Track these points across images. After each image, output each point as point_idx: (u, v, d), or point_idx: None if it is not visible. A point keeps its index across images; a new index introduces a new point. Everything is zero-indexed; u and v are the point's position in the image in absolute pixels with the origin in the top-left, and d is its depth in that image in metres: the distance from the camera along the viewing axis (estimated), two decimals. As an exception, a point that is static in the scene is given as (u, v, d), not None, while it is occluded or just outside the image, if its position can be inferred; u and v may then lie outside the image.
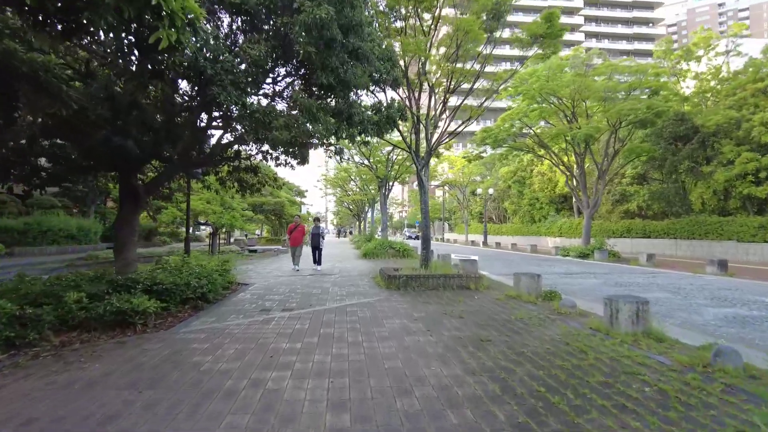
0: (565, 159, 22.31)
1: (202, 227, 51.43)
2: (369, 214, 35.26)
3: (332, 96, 6.16)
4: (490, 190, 36.27)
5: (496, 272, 13.30)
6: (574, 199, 33.85)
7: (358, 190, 35.25)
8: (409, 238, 57.86)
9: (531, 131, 22.17)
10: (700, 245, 19.75)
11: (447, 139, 10.51)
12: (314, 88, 6.17)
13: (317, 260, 12.61)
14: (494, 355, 4.42)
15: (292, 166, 10.62)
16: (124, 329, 5.39)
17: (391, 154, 21.02)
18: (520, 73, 19.80)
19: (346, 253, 21.75)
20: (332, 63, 5.22)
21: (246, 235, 38.03)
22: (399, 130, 10.30)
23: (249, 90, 4.83)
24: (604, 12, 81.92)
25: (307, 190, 43.73)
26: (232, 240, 29.74)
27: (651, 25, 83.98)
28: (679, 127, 21.08)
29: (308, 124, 5.32)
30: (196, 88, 4.85)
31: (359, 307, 6.95)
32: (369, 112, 6.97)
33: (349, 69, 5.43)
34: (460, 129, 10.37)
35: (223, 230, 18.67)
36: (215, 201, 18.13)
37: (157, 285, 6.30)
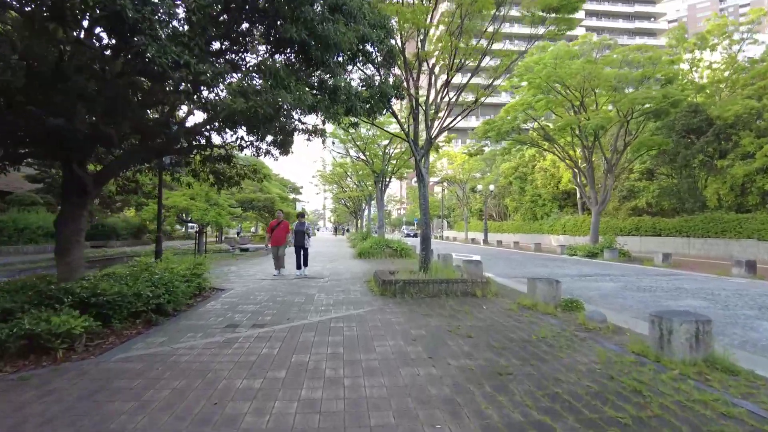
0: (572, 153, 21.15)
1: (191, 225, 50.25)
2: (366, 212, 34.09)
3: (310, 65, 4.95)
4: (491, 187, 35.12)
5: (502, 274, 12.16)
6: (578, 196, 32.76)
7: (354, 186, 34.08)
8: (408, 235, 56.73)
9: (536, 124, 21.00)
10: (715, 244, 18.63)
11: (449, 125, 9.32)
12: (287, 52, 4.96)
13: (302, 263, 10.70)
14: (520, 399, 3.26)
15: (274, 156, 9.44)
16: (41, 356, 4.21)
17: (389, 148, 19.83)
18: (525, 62, 18.66)
19: (341, 252, 20.59)
20: (306, 13, 4.06)
21: (238, 233, 36.87)
22: (396, 117, 9.12)
23: (193, 46, 3.67)
24: (606, 6, 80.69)
25: (302, 187, 42.45)
26: (224, 238, 28.55)
27: (653, 19, 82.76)
28: (693, 119, 19.94)
29: (276, 94, 4.14)
30: (116, 39, 3.72)
31: (346, 322, 5.78)
32: (358, 86, 5.80)
33: (328, 25, 4.25)
34: (464, 114, 9.19)
35: (210, 228, 17.47)
36: (200, 197, 16.93)
37: (96, 297, 5.12)
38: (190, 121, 7.21)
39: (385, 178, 19.68)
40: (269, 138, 8.42)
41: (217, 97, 3.98)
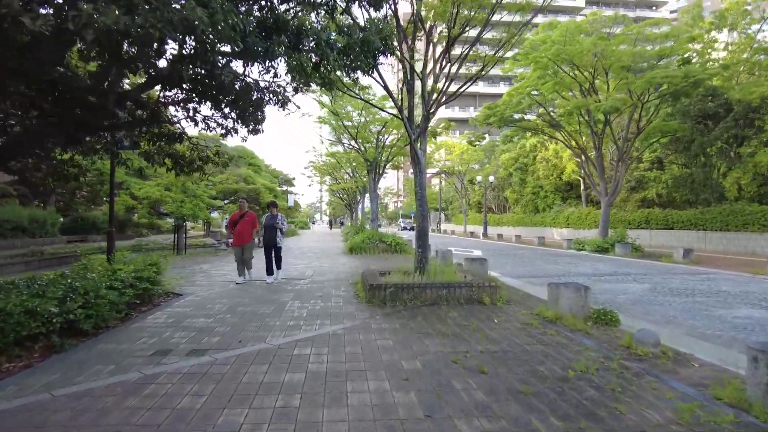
0: (579, 141, 19.70)
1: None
2: (361, 205, 32.61)
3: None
4: (491, 178, 33.68)
5: (510, 273, 10.77)
6: (582, 187, 31.40)
7: (348, 177, 32.56)
8: (404, 229, 55.26)
9: (542, 108, 19.51)
10: (735, 238, 17.29)
11: (451, 97, 7.85)
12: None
13: (273, 266, 8.51)
14: None
15: (240, 134, 7.95)
16: None
17: (383, 135, 18.29)
18: (531, 40, 17.15)
19: (331, 247, 19.16)
20: None
21: (227, 227, 35.28)
22: (384, 84, 7.62)
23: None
24: (607, -6, 78.83)
25: (294, 178, 40.72)
26: (210, 232, 27.04)
27: (654, 8, 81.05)
28: (709, 104, 18.51)
29: (189, 9, 2.71)
30: None
31: (316, 347, 4.35)
32: (333, 33, 4.32)
33: None
34: (467, 86, 7.71)
35: (194, 222, 16.00)
36: (176, 187, 15.43)
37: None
38: (124, 84, 5.74)
39: (378, 168, 18.21)
40: (232, 113, 6.99)
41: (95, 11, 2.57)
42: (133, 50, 3.84)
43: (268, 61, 4.08)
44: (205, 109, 7.57)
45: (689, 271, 11.15)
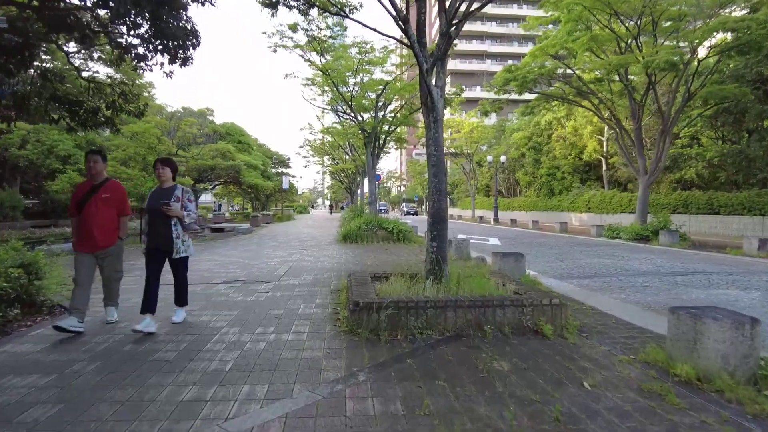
0: (614, 110, 16.82)
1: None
2: (361, 188, 29.86)
3: None
4: (502, 158, 30.83)
5: (548, 270, 8.17)
6: (603, 167, 28.55)
7: (348, 158, 29.81)
8: (408, 213, 52.67)
9: (569, 71, 16.60)
10: (801, 224, 14.56)
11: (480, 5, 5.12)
12: None
13: (152, 299, 4.03)
14: None
15: (166, 71, 5.29)
16: None
17: (384, 100, 15.42)
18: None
19: (323, 234, 16.57)
20: None
21: (215, 210, 32.91)
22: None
23: None
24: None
25: (289, 158, 37.60)
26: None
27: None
28: (769, 66, 15.58)
29: None
30: None
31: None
32: None
33: None
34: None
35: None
36: (136, 163, 12.81)
37: None
38: None
39: (378, 140, 15.45)
40: (143, 23, 4.37)
41: None
42: None
43: None
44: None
45: (785, 269, 8.51)
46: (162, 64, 5.20)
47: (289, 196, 41.23)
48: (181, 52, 4.88)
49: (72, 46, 5.71)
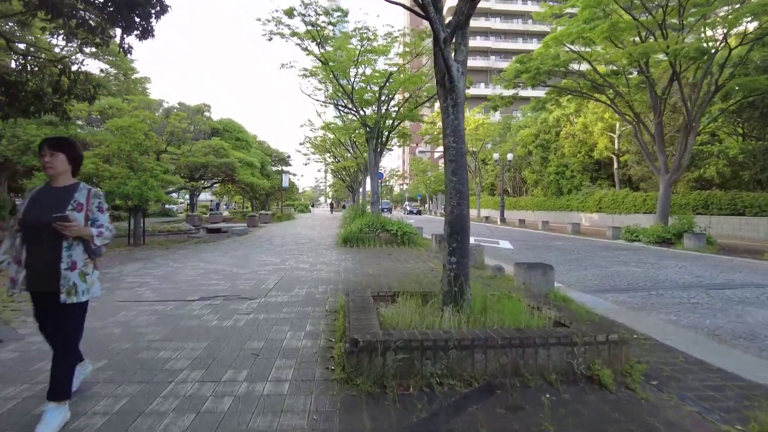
0: (632, 104, 15.78)
1: (179, 201, 44.93)
2: (363, 186, 28.85)
3: None
4: (509, 156, 29.79)
5: (574, 281, 7.18)
6: (615, 166, 27.49)
7: (350, 155, 28.83)
8: (410, 212, 51.65)
9: (579, 65, 15.58)
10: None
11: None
12: None
13: (59, 377, 2.36)
14: None
15: (124, 45, 4.33)
16: None
17: (387, 92, 14.41)
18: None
19: (323, 236, 15.60)
20: None
21: (212, 209, 32.03)
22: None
23: None
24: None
25: (289, 156, 36.49)
26: (187, 216, 23.56)
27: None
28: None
29: None
30: None
31: None
32: None
33: None
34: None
35: (148, 203, 12.44)
36: (120, 159, 11.86)
37: None
38: None
39: (381, 136, 14.43)
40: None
41: None
42: None
43: None
44: None
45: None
46: (122, 38, 4.25)
47: (289, 194, 40.28)
48: (140, 21, 3.92)
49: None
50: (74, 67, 4.87)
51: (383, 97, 13.92)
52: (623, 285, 7.14)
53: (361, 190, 30.18)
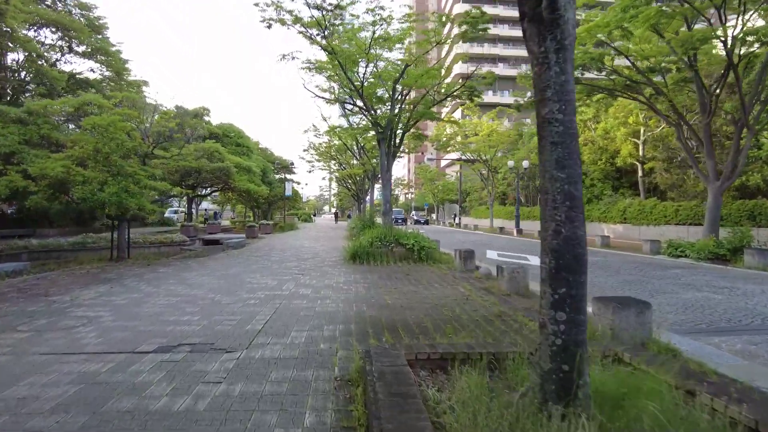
0: (676, 104, 14.14)
1: (178, 209, 43.40)
2: (370, 195, 27.23)
3: None
4: (525, 163, 28.16)
5: (660, 319, 5.48)
6: (640, 173, 25.78)
7: (356, 162, 27.32)
8: (417, 222, 50.04)
9: (620, 58, 13.98)
10: None
11: None
12: None
13: None
14: None
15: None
16: None
17: (402, 87, 12.81)
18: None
19: (328, 249, 13.97)
20: None
21: (206, 219, 30.55)
22: None
23: None
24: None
25: (292, 163, 34.97)
26: (181, 226, 22.01)
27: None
28: None
29: None
30: None
31: None
32: None
33: None
34: None
35: (129, 212, 10.85)
36: (96, 162, 10.33)
37: None
38: None
39: (393, 137, 12.80)
40: None
41: None
42: None
43: None
44: None
45: None
46: None
47: (293, 203, 38.76)
48: None
49: None
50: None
51: (397, 94, 12.36)
52: (722, 322, 5.44)
53: (367, 198, 28.62)
